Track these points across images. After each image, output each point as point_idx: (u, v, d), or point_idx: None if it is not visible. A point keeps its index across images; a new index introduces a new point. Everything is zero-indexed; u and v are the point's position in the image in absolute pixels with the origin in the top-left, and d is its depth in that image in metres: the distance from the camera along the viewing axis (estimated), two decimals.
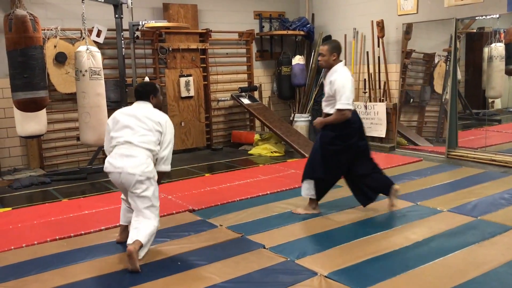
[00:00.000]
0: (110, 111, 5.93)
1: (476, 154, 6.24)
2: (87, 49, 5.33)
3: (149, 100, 3.59)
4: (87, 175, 5.92)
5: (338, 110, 3.93)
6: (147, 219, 3.27)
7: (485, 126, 6.67)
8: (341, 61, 4.09)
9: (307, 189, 4.20)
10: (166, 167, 3.45)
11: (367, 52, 7.44)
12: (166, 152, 3.44)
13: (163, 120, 3.49)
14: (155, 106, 3.62)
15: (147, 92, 3.59)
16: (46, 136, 6.18)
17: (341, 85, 3.89)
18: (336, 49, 4.04)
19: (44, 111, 5.54)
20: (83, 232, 3.88)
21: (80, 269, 3.21)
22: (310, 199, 4.22)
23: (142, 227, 3.22)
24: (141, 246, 3.17)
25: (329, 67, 4.06)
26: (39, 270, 3.19)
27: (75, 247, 3.60)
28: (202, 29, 7.43)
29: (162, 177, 3.51)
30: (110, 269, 3.19)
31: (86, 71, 5.33)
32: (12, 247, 3.59)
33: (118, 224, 3.80)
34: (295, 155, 6.79)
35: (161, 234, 3.77)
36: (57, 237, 3.77)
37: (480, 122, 6.95)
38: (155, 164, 3.38)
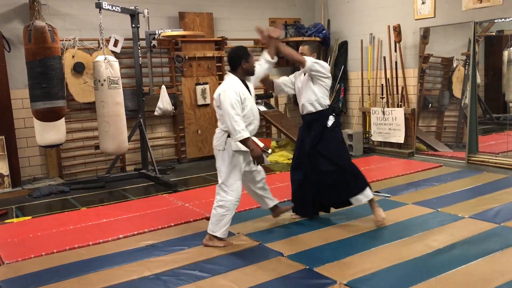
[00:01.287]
0: (128, 120, 6.02)
1: (497, 159, 6.12)
2: (105, 58, 5.38)
3: (235, 70, 3.69)
4: (105, 183, 5.97)
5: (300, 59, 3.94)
6: (215, 199, 3.66)
7: (506, 130, 6.54)
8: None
9: (365, 196, 4.03)
10: (234, 139, 3.51)
11: (384, 57, 7.38)
12: (226, 124, 3.52)
13: (217, 93, 3.61)
14: (245, 73, 3.71)
15: (232, 62, 3.71)
16: (65, 145, 6.25)
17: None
18: (315, 49, 4.10)
19: (63, 120, 5.62)
20: (101, 241, 3.89)
21: (99, 277, 3.22)
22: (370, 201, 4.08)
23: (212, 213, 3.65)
24: (211, 235, 3.63)
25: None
26: (59, 279, 3.21)
27: (94, 255, 3.61)
28: (217, 37, 7.46)
29: (247, 147, 3.54)
30: (128, 277, 3.18)
31: (104, 80, 5.38)
32: (32, 256, 3.62)
33: (150, 229, 4.04)
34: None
35: (178, 242, 3.78)
36: (76, 246, 3.79)
37: (501, 126, 6.82)
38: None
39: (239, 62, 3.65)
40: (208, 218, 4.36)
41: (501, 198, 4.54)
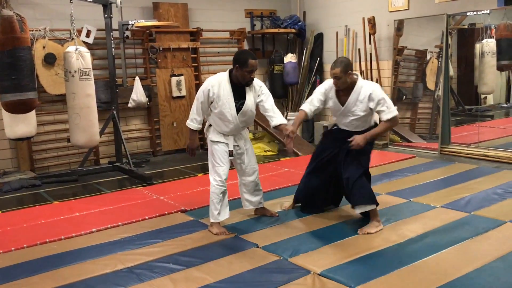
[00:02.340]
0: (101, 112, 5.92)
1: (469, 150, 6.24)
2: (76, 49, 5.26)
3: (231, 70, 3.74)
4: (78, 177, 5.87)
5: (393, 117, 3.64)
6: None
7: (477, 122, 6.68)
8: (357, 75, 3.80)
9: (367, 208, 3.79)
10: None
11: (359, 50, 7.43)
12: None
13: None
14: (236, 78, 3.72)
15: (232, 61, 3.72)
16: (36, 138, 6.12)
17: (381, 95, 3.66)
18: (348, 66, 3.72)
19: (33, 113, 5.46)
20: (74, 235, 3.83)
21: (71, 271, 3.16)
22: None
23: None
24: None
25: (350, 87, 3.75)
26: (29, 274, 3.14)
27: (66, 249, 3.55)
28: (192, 28, 7.38)
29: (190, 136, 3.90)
30: (101, 271, 3.13)
31: (75, 71, 5.26)
32: (1, 251, 3.54)
33: (124, 223, 4.00)
34: (289, 154, 6.75)
35: (152, 235, 3.75)
36: (47, 240, 3.71)
37: (472, 118, 6.95)
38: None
39: (234, 64, 3.66)
40: (183, 211, 4.35)
41: (472, 188, 4.63)
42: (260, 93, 3.78)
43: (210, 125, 3.81)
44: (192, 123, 3.76)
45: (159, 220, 4.13)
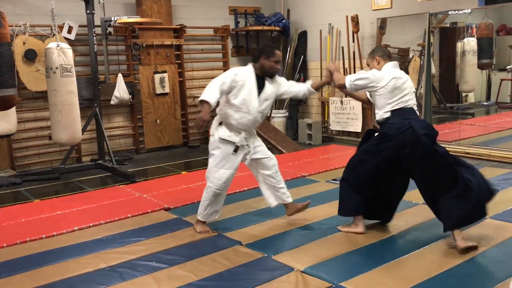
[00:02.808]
0: (83, 109, 5.85)
1: (450, 147, 6.30)
2: (58, 45, 5.19)
3: (255, 62, 3.68)
4: (60, 175, 5.79)
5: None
6: None
7: (459, 119, 6.76)
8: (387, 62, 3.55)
9: None
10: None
11: (342, 48, 7.46)
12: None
13: None
14: (261, 69, 3.66)
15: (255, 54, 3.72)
16: (17, 135, 6.02)
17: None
18: (375, 52, 3.62)
19: (13, 109, 5.37)
20: (55, 233, 3.78)
21: (52, 270, 3.12)
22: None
23: None
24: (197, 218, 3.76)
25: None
26: (9, 273, 3.09)
27: (47, 248, 3.50)
28: (176, 25, 7.33)
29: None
30: (83, 270, 3.10)
31: (57, 68, 5.19)
32: None
33: (106, 221, 3.81)
34: (273, 151, 6.66)
35: (135, 234, 3.72)
36: (28, 239, 3.66)
37: (454, 115, 7.04)
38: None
39: (259, 56, 3.63)
40: (166, 209, 4.33)
41: None
42: (280, 83, 3.78)
43: (220, 123, 3.66)
44: (210, 95, 3.44)
45: (142, 218, 4.10)
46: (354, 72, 7.28)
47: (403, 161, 3.37)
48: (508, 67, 6.85)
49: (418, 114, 3.49)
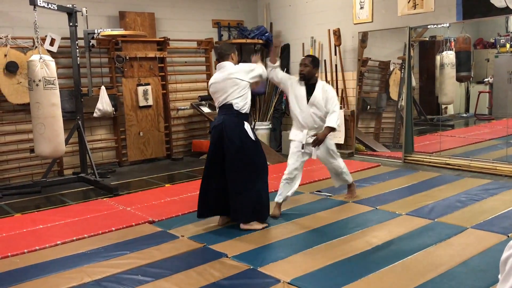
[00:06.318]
0: (65, 121, 5.80)
1: (431, 158, 6.42)
2: (41, 58, 5.15)
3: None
4: (42, 188, 5.71)
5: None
6: None
7: (439, 131, 6.88)
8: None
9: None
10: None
11: (325, 61, 7.56)
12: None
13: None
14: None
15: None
16: None
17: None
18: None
19: None
20: (37, 248, 3.72)
21: (34, 286, 3.07)
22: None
23: None
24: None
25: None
26: None
27: (29, 263, 3.44)
28: (159, 38, 7.35)
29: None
30: (67, 285, 3.05)
31: (39, 80, 5.15)
32: None
33: (90, 235, 3.66)
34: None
35: (120, 247, 3.69)
36: (9, 254, 3.59)
37: (434, 127, 7.17)
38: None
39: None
40: (150, 222, 4.30)
41: (435, 195, 4.77)
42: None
43: None
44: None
45: (126, 231, 4.07)
46: (337, 84, 7.39)
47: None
48: (485, 79, 7.01)
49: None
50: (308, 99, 4.31)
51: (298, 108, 4.34)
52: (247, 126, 3.97)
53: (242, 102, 3.95)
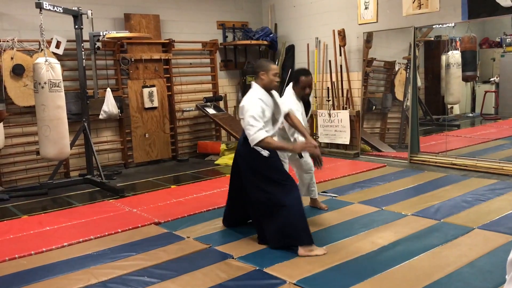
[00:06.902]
0: (71, 123, 5.83)
1: (437, 158, 6.39)
2: (46, 60, 5.18)
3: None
4: (48, 190, 5.74)
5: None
6: None
7: (445, 131, 6.86)
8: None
9: None
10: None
11: (330, 61, 7.55)
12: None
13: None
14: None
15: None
16: (4, 151, 5.98)
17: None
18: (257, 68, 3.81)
19: (1, 125, 5.36)
20: (44, 249, 3.74)
21: (41, 287, 3.09)
22: None
23: None
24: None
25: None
26: None
27: (36, 265, 3.46)
28: (164, 39, 7.37)
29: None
30: (74, 286, 3.07)
31: (45, 83, 5.18)
32: None
33: (96, 236, 3.89)
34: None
35: (126, 249, 3.70)
36: (17, 256, 3.62)
37: (440, 127, 7.15)
38: None
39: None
40: (156, 223, 4.31)
41: (441, 196, 4.75)
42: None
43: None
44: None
45: (132, 233, 4.08)
46: (342, 85, 7.38)
47: None
48: (491, 79, 6.99)
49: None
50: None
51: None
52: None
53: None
